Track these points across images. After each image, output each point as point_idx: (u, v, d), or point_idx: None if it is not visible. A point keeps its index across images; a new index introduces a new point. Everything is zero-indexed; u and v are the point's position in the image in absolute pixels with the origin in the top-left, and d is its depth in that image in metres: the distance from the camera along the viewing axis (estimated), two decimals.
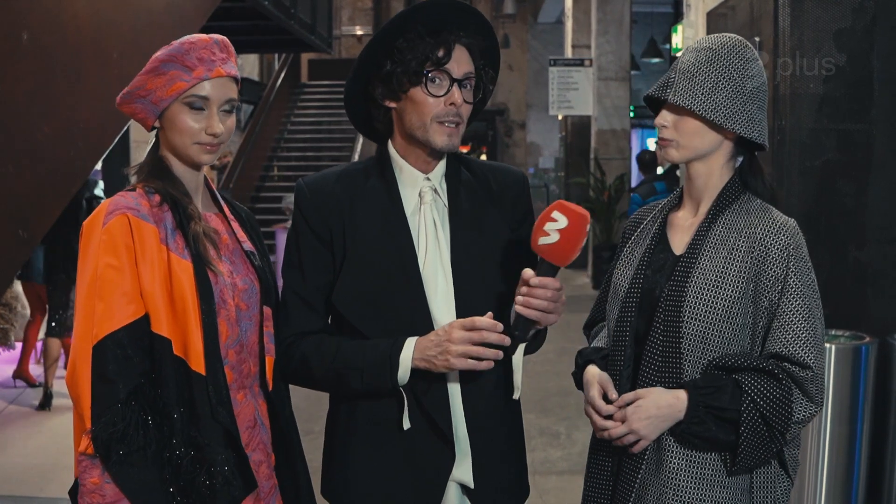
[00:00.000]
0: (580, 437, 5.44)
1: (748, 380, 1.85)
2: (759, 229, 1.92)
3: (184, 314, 1.80)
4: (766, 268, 1.89)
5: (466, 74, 1.96)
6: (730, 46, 1.94)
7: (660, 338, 1.92)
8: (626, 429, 1.88)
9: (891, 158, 4.16)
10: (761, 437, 1.85)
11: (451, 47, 1.93)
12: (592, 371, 2.01)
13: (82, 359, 1.76)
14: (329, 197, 1.99)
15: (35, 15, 4.05)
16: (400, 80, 1.94)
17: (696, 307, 1.89)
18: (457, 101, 1.94)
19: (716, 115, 1.90)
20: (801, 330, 1.87)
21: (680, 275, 1.94)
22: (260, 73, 16.37)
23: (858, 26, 4.14)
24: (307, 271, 1.98)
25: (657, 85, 2.00)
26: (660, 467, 1.92)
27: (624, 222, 8.41)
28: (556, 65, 12.89)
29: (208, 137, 1.87)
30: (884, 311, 4.12)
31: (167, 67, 1.85)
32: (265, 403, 1.98)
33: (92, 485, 1.74)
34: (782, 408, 1.84)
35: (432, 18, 1.95)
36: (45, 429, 5.73)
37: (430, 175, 2.02)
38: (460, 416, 1.97)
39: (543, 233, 1.83)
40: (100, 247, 1.79)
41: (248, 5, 8.22)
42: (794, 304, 1.88)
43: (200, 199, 1.97)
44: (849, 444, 3.87)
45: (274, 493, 1.97)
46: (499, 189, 2.08)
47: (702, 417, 1.85)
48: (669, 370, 1.91)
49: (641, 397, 1.89)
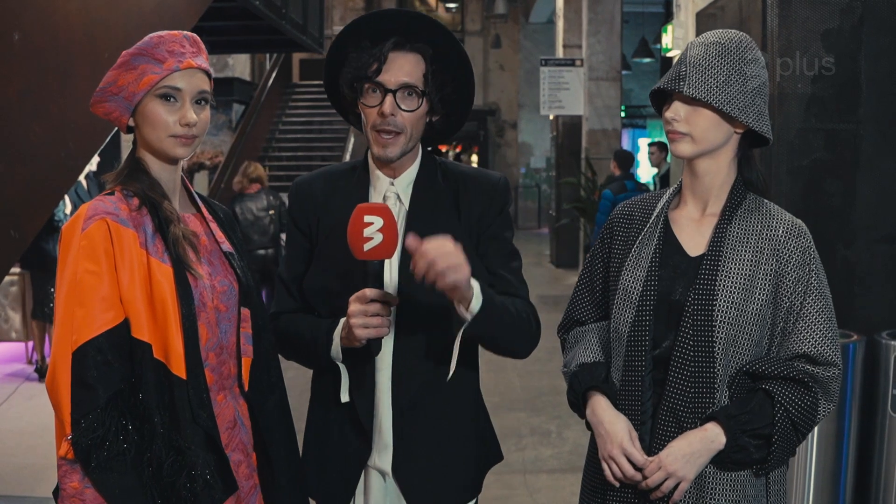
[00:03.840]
0: (571, 435, 5.46)
1: (779, 390, 1.88)
2: (780, 231, 1.95)
3: (164, 318, 1.80)
4: (789, 270, 1.92)
5: (404, 84, 1.99)
6: (737, 41, 1.94)
7: (689, 342, 1.90)
8: (664, 474, 1.86)
9: (878, 158, 4.19)
10: (790, 443, 1.90)
11: (383, 59, 1.99)
12: (613, 414, 1.96)
13: (62, 364, 1.75)
14: (311, 194, 2.17)
15: (27, 15, 4.04)
16: (349, 91, 2.06)
17: (728, 312, 1.89)
18: (385, 112, 1.99)
19: (731, 107, 1.90)
20: (826, 329, 1.92)
21: (706, 278, 1.93)
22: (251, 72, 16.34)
23: (846, 26, 4.16)
24: (291, 261, 2.19)
25: (667, 78, 1.97)
26: (701, 491, 1.91)
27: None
28: (548, 65, 12.92)
29: (183, 129, 1.86)
30: (871, 310, 4.14)
31: (137, 61, 1.85)
32: (245, 403, 1.98)
33: (72, 489, 1.74)
34: (810, 413, 1.90)
35: (375, 30, 2.01)
36: (36, 428, 5.72)
37: (395, 181, 2.10)
38: (387, 406, 2.08)
39: (366, 239, 1.88)
40: (79, 252, 1.78)
41: (239, 5, 8.21)
42: (818, 304, 1.93)
43: (178, 200, 1.96)
44: (836, 441, 3.90)
45: (254, 492, 1.98)
46: (467, 197, 2.13)
47: (742, 445, 1.87)
48: (703, 375, 1.89)
49: (665, 451, 1.88)
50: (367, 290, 1.93)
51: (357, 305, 1.94)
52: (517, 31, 22.18)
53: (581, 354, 2.08)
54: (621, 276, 2.03)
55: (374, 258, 1.91)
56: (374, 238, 1.87)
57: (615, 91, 12.62)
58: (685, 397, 1.90)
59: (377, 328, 1.94)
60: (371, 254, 1.89)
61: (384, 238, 1.88)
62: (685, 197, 2.05)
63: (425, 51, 2.02)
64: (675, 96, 1.96)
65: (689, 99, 1.93)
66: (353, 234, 1.88)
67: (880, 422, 3.89)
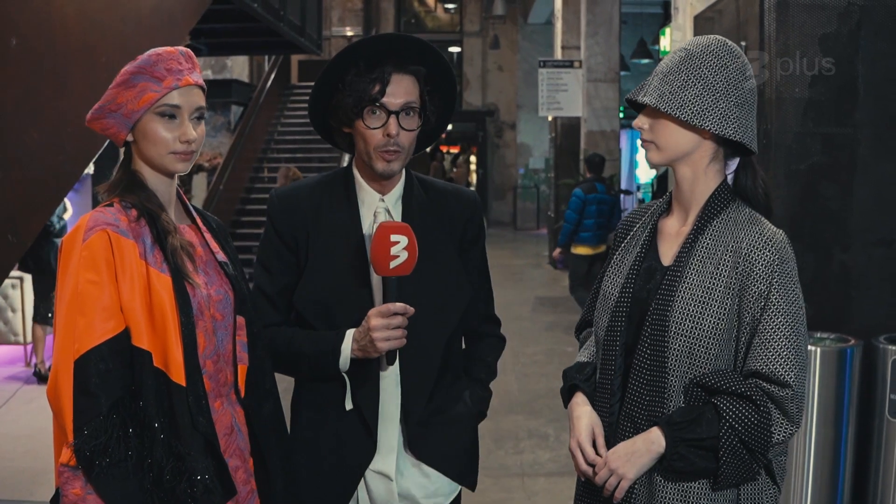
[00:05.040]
0: (568, 438, 5.45)
1: (726, 405, 1.83)
2: (746, 243, 1.89)
3: (163, 327, 1.83)
4: (750, 283, 1.86)
5: (405, 104, 2.08)
6: (705, 45, 1.92)
7: (647, 351, 1.91)
8: (608, 471, 1.90)
9: (875, 162, 4.19)
10: (741, 460, 1.84)
11: (386, 81, 2.06)
12: (582, 410, 2.03)
13: (64, 373, 1.77)
14: (298, 207, 2.20)
15: (24, 20, 4.04)
16: (347, 113, 2.10)
17: (683, 323, 1.87)
18: (392, 133, 2.07)
19: (683, 112, 1.88)
20: (781, 348, 1.83)
21: (666, 288, 1.92)
22: (250, 74, 16.33)
23: (843, 31, 4.16)
24: (273, 273, 2.20)
25: (636, 88, 2.00)
26: (651, 498, 1.92)
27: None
28: (546, 66, 12.93)
29: (182, 145, 1.90)
30: (868, 314, 4.15)
31: (137, 80, 1.88)
32: (242, 410, 2.02)
33: (74, 496, 1.76)
34: (761, 432, 1.82)
35: (370, 54, 2.08)
36: (35, 432, 5.72)
37: (385, 196, 2.18)
38: (392, 409, 2.15)
39: (392, 257, 1.97)
40: (80, 263, 1.81)
41: (236, 7, 8.21)
42: (776, 320, 1.84)
43: (174, 212, 2.00)
44: (834, 445, 3.90)
45: (252, 497, 2.02)
46: (451, 212, 2.24)
47: (682, 453, 1.84)
48: (656, 384, 1.90)
49: (612, 449, 1.93)
50: (391, 305, 2.01)
51: (380, 320, 2.02)
52: (516, 32, 22.18)
53: (580, 354, 2.17)
54: (603, 281, 2.08)
55: (395, 274, 1.99)
56: (399, 256, 1.97)
57: (614, 92, 12.63)
58: (640, 404, 1.91)
59: (399, 340, 2.03)
60: (395, 271, 1.98)
61: (409, 256, 1.97)
62: (673, 205, 2.05)
63: (419, 72, 2.11)
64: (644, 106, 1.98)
65: (651, 108, 1.94)
66: (379, 253, 1.96)
67: (878, 426, 3.90)
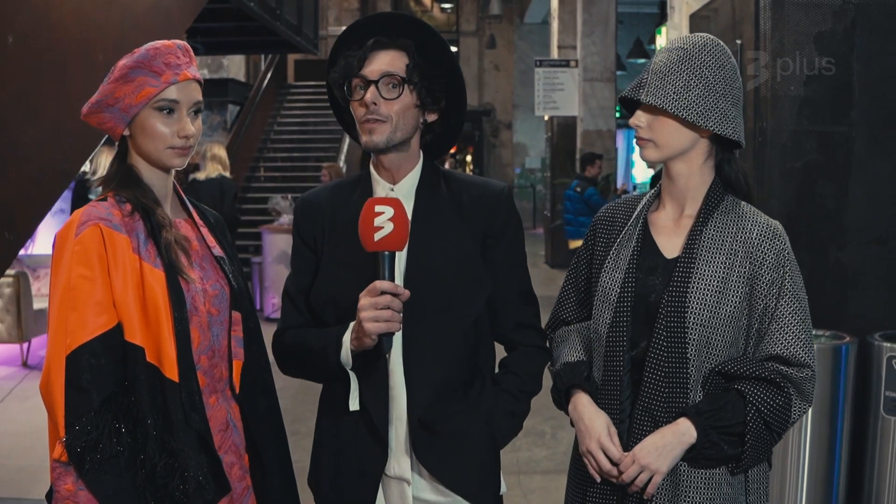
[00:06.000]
0: (565, 436, 5.47)
1: (751, 390, 1.90)
2: (755, 233, 1.96)
3: (157, 322, 1.82)
4: (763, 272, 1.94)
5: (384, 73, 2.02)
6: (700, 45, 1.96)
7: (664, 344, 1.93)
8: (638, 467, 1.90)
9: (871, 160, 4.20)
10: (764, 442, 1.92)
11: (365, 55, 2.04)
12: (593, 410, 2.01)
13: (56, 368, 1.77)
14: (316, 207, 2.16)
15: (21, 18, 4.04)
16: (344, 97, 2.08)
17: (701, 313, 1.91)
18: (367, 100, 2.02)
19: (688, 112, 1.92)
20: (799, 331, 1.93)
21: (679, 280, 1.95)
22: (246, 73, 16.32)
23: (839, 29, 4.17)
24: (297, 275, 2.16)
25: (631, 86, 2.02)
26: (676, 488, 1.94)
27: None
28: (542, 65, 12.93)
29: (181, 140, 1.90)
30: (863, 312, 4.16)
31: (135, 74, 1.87)
32: (237, 406, 2.00)
33: (66, 492, 1.76)
34: (783, 413, 1.91)
35: (360, 35, 2.07)
36: (31, 430, 5.72)
37: (395, 186, 2.10)
38: (402, 411, 2.05)
39: (376, 229, 1.86)
40: (72, 257, 1.80)
41: (233, 7, 8.21)
42: (792, 306, 1.94)
43: (170, 206, 1.99)
44: (829, 442, 3.91)
45: (247, 493, 2.00)
46: (470, 204, 2.11)
47: (714, 440, 1.89)
48: (676, 376, 1.92)
49: (639, 445, 1.91)
50: (378, 282, 1.88)
51: (367, 298, 1.89)
52: (512, 32, 22.20)
53: (566, 354, 2.13)
54: (600, 278, 2.07)
55: (384, 249, 1.87)
56: (384, 227, 1.85)
57: (610, 92, 12.65)
58: (660, 397, 1.93)
59: (388, 322, 1.88)
60: (381, 244, 1.86)
61: (395, 227, 1.85)
62: (664, 199, 2.08)
63: (407, 45, 2.06)
64: (639, 104, 1.99)
65: (650, 106, 1.96)
66: (363, 225, 1.86)
67: (873, 423, 3.91)
